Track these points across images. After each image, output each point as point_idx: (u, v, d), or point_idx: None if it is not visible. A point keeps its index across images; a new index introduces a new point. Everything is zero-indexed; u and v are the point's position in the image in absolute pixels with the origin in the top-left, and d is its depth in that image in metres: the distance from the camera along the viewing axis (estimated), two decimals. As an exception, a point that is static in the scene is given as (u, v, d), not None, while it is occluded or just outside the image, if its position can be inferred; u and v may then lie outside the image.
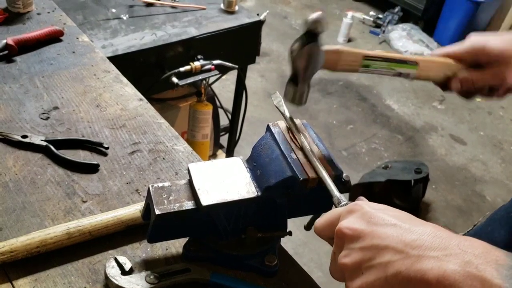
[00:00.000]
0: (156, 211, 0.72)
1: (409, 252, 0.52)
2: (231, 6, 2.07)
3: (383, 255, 0.53)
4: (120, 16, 1.93)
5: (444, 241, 0.51)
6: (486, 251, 0.50)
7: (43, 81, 1.17)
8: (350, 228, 0.57)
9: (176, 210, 0.73)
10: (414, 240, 0.52)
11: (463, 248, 0.50)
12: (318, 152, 0.75)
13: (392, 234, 0.54)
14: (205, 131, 2.20)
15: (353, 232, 0.56)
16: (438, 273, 0.49)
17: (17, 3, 1.38)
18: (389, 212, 0.58)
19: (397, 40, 4.29)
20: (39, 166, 0.95)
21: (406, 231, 0.54)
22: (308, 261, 2.41)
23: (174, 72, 1.87)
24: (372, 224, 0.56)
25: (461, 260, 0.49)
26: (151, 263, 0.80)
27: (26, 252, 0.76)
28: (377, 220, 0.56)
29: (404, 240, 0.53)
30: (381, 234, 0.54)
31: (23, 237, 0.77)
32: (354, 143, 3.24)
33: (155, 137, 1.06)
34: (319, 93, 3.64)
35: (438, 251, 0.50)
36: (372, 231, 0.55)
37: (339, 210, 0.61)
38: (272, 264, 0.80)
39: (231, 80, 2.93)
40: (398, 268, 0.52)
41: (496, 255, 0.50)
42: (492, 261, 0.49)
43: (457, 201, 2.95)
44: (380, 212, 0.57)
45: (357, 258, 0.55)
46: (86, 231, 0.80)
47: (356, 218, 0.58)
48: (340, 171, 0.73)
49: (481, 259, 0.49)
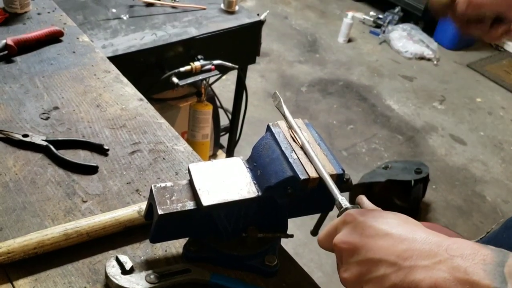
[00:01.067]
0: (159, 211, 0.72)
1: (401, 264, 0.54)
2: (231, 6, 2.07)
3: (378, 268, 0.56)
4: (120, 16, 1.93)
5: (433, 248, 0.54)
6: (474, 252, 0.52)
7: (43, 81, 1.17)
8: (345, 242, 0.59)
9: (179, 210, 0.73)
10: (405, 250, 0.55)
11: (452, 252, 0.53)
12: (320, 151, 0.75)
13: (384, 245, 0.56)
14: (205, 131, 2.20)
15: (348, 246, 0.59)
16: (430, 283, 0.52)
17: (14, 3, 1.38)
18: (381, 218, 0.59)
19: (397, 40, 4.29)
20: (39, 166, 0.95)
21: (397, 240, 0.56)
22: (308, 261, 2.41)
23: (174, 72, 1.87)
24: (365, 236, 0.58)
25: (450, 266, 0.52)
26: (152, 263, 0.80)
27: (23, 253, 0.76)
28: (369, 232, 0.58)
29: (396, 251, 0.55)
30: (373, 246, 0.57)
31: (20, 238, 0.77)
32: (354, 143, 3.24)
33: (155, 137, 1.06)
34: (319, 93, 3.64)
35: (428, 259, 0.53)
36: (365, 244, 0.57)
37: (335, 222, 0.63)
38: (272, 264, 0.80)
39: (231, 80, 2.93)
40: (393, 281, 0.54)
41: (483, 254, 0.52)
42: (480, 262, 0.51)
43: (457, 201, 2.95)
44: (373, 221, 0.59)
45: (355, 272, 0.58)
46: (84, 232, 0.80)
47: (349, 231, 0.60)
48: (342, 170, 0.73)
49: (469, 261, 0.51)
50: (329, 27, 4.50)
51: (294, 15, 4.61)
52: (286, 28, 4.39)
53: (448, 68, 4.20)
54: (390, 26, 4.45)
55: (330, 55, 4.12)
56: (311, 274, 0.84)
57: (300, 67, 3.90)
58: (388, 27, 4.44)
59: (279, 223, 0.80)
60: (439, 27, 4.42)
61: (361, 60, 4.13)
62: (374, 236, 0.57)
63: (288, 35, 4.28)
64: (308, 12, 4.68)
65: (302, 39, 4.28)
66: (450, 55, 4.36)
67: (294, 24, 4.48)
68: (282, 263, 0.82)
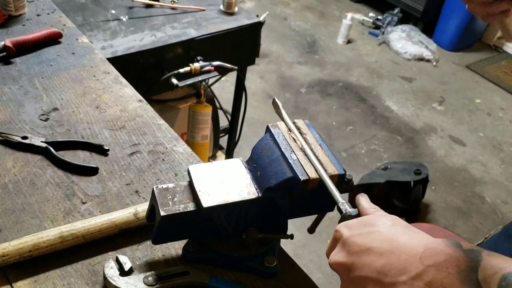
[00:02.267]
0: (161, 212, 0.72)
1: (383, 281, 0.56)
2: (230, 8, 2.07)
3: (367, 286, 0.58)
4: (119, 17, 1.93)
5: (409, 258, 0.55)
6: (447, 258, 0.53)
7: (43, 82, 1.17)
8: (336, 262, 0.62)
9: (181, 211, 0.73)
10: (384, 265, 0.56)
11: (426, 261, 0.54)
12: (321, 152, 0.75)
13: (366, 262, 0.58)
14: (205, 132, 2.20)
15: (339, 266, 0.61)
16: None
17: (8, 5, 1.38)
18: (365, 230, 0.61)
19: (397, 41, 4.30)
20: (38, 167, 0.95)
21: (377, 255, 0.58)
22: (307, 262, 2.41)
23: (173, 73, 1.87)
24: (351, 254, 0.60)
25: (426, 281, 0.53)
26: (151, 264, 0.80)
27: (18, 256, 0.75)
28: (354, 249, 0.60)
29: (376, 267, 0.57)
30: (358, 264, 0.59)
31: (16, 241, 0.77)
32: (354, 144, 3.24)
33: (155, 138, 1.06)
34: (319, 94, 3.64)
35: (405, 274, 0.55)
36: (352, 262, 0.59)
37: (331, 240, 0.66)
38: (271, 265, 0.80)
39: (230, 82, 2.93)
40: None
41: (457, 259, 0.53)
42: (454, 270, 0.52)
43: (457, 202, 2.95)
44: (357, 237, 0.60)
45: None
46: (80, 234, 0.79)
47: (339, 249, 0.62)
48: (344, 171, 0.73)
49: (444, 271, 0.53)
50: (328, 28, 4.50)
51: (293, 16, 4.61)
52: (285, 29, 4.40)
53: (447, 69, 4.21)
54: (389, 27, 4.45)
55: (330, 56, 4.13)
56: (311, 275, 0.84)
57: (299, 68, 3.90)
58: (387, 28, 4.44)
59: (279, 224, 0.79)
60: (438, 28, 4.43)
61: (360, 61, 4.13)
62: (358, 253, 0.59)
63: (287, 36, 4.28)
64: (307, 13, 4.68)
65: (301, 40, 4.28)
66: (449, 56, 4.36)
67: (293, 25, 4.48)
68: (282, 264, 0.82)
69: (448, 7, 4.31)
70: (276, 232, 0.80)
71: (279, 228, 0.80)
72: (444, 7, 4.35)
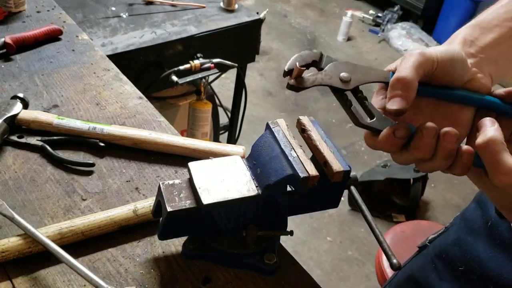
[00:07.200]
0: (168, 208, 0.72)
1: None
2: (230, 5, 2.07)
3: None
4: (119, 14, 1.93)
5: None
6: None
7: (43, 79, 1.17)
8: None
9: (188, 207, 0.73)
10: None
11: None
12: (327, 149, 0.75)
13: None
14: (205, 129, 2.20)
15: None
16: None
17: (8, 2, 1.38)
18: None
19: (397, 39, 4.29)
20: (38, 164, 0.95)
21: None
22: (307, 259, 2.41)
23: (173, 71, 1.88)
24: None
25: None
26: (151, 261, 0.80)
27: (17, 252, 0.76)
28: None
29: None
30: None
31: (15, 237, 0.77)
32: (354, 142, 3.25)
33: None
34: (319, 92, 3.64)
35: None
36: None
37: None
38: (271, 263, 0.80)
39: (230, 79, 2.93)
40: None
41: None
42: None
43: (456, 200, 2.95)
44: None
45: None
46: (79, 231, 0.80)
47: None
48: (349, 167, 0.73)
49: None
50: (329, 26, 4.49)
51: (293, 13, 4.60)
52: (285, 26, 4.39)
53: (447, 66, 4.20)
54: (390, 24, 4.45)
55: (330, 54, 4.09)
56: (310, 272, 0.84)
57: (299, 66, 3.89)
58: (387, 25, 4.44)
59: (279, 221, 0.80)
60: (439, 25, 4.42)
61: (360, 59, 4.12)
62: None
63: (287, 34, 4.28)
64: (308, 11, 4.67)
65: (302, 37, 4.28)
66: (449, 53, 4.35)
67: (293, 22, 4.48)
68: (281, 261, 0.83)
69: (448, 4, 4.31)
70: (276, 229, 0.80)
71: (279, 225, 0.80)
72: (444, 5, 4.35)
